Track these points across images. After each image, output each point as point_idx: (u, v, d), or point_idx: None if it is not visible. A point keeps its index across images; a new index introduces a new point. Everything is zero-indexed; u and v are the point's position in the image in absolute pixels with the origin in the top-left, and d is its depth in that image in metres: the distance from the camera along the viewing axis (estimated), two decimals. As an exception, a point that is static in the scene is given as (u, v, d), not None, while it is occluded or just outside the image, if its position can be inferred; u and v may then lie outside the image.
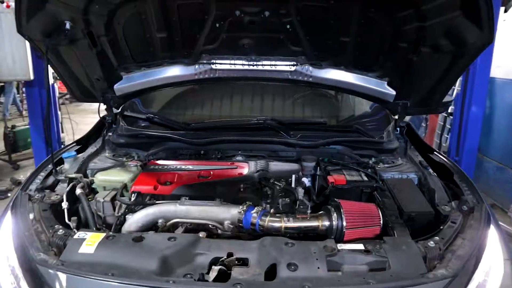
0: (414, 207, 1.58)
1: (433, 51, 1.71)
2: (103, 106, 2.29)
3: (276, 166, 1.81)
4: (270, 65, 1.95)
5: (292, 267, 1.19)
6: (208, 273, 1.21)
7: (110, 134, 2.28)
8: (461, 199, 1.63)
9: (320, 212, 1.53)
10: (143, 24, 1.76)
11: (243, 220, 1.49)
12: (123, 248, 1.29)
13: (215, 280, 1.18)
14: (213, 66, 1.98)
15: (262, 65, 1.95)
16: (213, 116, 2.53)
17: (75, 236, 1.34)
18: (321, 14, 1.66)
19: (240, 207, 1.52)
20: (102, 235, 1.35)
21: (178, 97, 2.78)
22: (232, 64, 1.96)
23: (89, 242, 1.30)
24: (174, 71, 2.04)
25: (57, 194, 1.69)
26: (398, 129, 2.32)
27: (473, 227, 1.45)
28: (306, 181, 1.91)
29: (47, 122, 3.16)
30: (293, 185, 1.77)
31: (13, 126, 5.23)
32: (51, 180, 1.84)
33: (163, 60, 2.00)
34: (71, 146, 2.22)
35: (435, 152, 2.15)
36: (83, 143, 2.27)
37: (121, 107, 2.48)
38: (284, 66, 1.96)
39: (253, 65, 1.96)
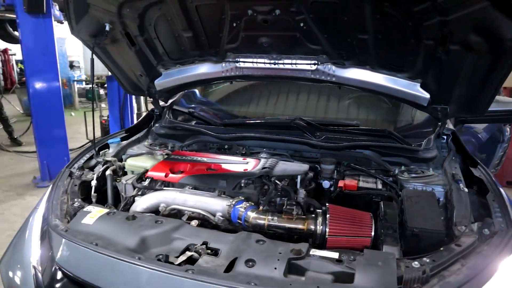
0: (422, 223, 1.42)
1: (465, 49, 1.51)
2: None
3: (283, 165, 1.80)
4: (291, 63, 1.93)
5: (250, 263, 1.19)
6: (178, 257, 1.29)
7: (157, 125, 2.52)
8: (485, 221, 1.41)
9: (309, 215, 1.49)
10: (170, 25, 1.91)
11: (231, 214, 1.54)
12: (116, 224, 1.45)
13: (181, 264, 1.25)
14: (237, 64, 2.04)
15: (283, 63, 1.95)
16: (255, 113, 2.64)
17: (85, 209, 1.56)
18: (333, 10, 1.59)
19: (231, 200, 1.57)
20: (105, 210, 1.54)
21: (233, 93, 2.94)
22: (254, 62, 2.00)
23: (92, 215, 1.50)
24: (204, 69, 2.17)
25: (93, 173, 1.96)
26: (445, 137, 2.09)
27: (483, 254, 1.25)
28: (327, 183, 1.88)
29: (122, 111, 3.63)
30: (298, 185, 1.74)
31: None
32: (94, 161, 2.14)
33: (194, 58, 2.14)
34: (119, 133, 2.52)
35: (478, 166, 1.87)
36: (131, 132, 2.55)
37: (171, 101, 2.72)
38: (305, 65, 1.92)
39: (274, 64, 1.96)
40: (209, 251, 1.32)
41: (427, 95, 1.82)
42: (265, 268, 1.17)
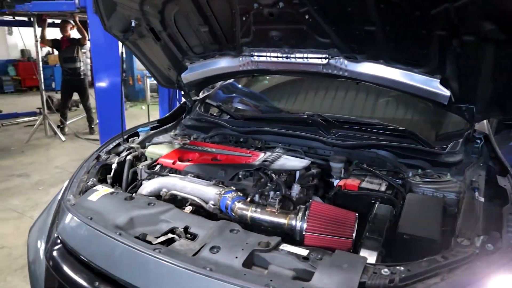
0: (414, 229, 1.32)
1: (481, 40, 1.34)
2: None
3: (284, 160, 1.78)
4: (302, 57, 1.89)
5: (215, 250, 1.22)
6: (159, 237, 1.36)
7: (187, 117, 2.66)
8: (491, 235, 1.25)
9: (293, 211, 1.46)
10: (188, 20, 2.00)
11: (220, 203, 1.57)
12: (114, 202, 1.57)
13: (158, 244, 1.32)
14: (253, 59, 2.06)
15: (295, 57, 1.91)
16: (285, 108, 2.68)
17: (94, 188, 1.72)
18: (335, 1, 1.53)
19: (221, 189, 1.60)
20: (110, 190, 1.68)
21: (269, 88, 2.99)
22: (268, 56, 2.00)
23: (98, 193, 1.64)
24: (224, 63, 2.22)
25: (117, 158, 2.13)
26: (478, 141, 1.88)
27: (472, 270, 1.11)
28: (336, 182, 1.83)
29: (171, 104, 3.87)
30: (296, 180, 1.71)
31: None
32: (122, 147, 2.32)
33: (214, 52, 2.21)
34: (151, 123, 2.70)
35: (508, 175, 1.64)
36: (163, 122, 2.71)
37: (205, 94, 2.84)
38: (316, 59, 1.86)
39: (287, 58, 1.94)
40: (189, 235, 1.38)
41: (447, 93, 1.65)
42: (227, 256, 1.19)
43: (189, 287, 1.12)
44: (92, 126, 6.98)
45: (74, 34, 6.59)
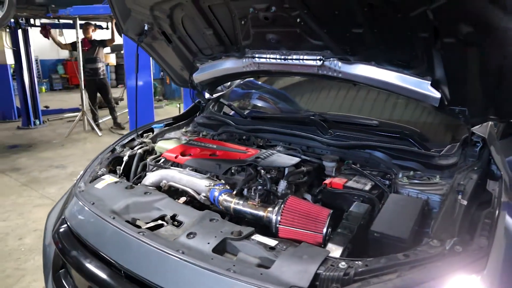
0: (385, 228, 1.35)
1: (460, 42, 1.35)
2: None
3: (275, 157, 1.86)
4: (299, 59, 1.96)
5: (191, 236, 1.33)
6: (148, 223, 1.50)
7: (201, 115, 2.80)
8: (462, 238, 1.26)
9: (272, 204, 1.54)
10: (194, 24, 2.13)
11: (209, 195, 1.68)
12: (116, 190, 1.73)
13: (146, 228, 1.46)
14: (254, 60, 2.15)
15: (292, 59, 1.98)
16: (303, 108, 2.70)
17: (102, 177, 1.89)
18: (323, 5, 1.59)
19: (210, 182, 1.71)
20: (115, 179, 1.85)
21: (286, 87, 3.06)
22: (267, 58, 2.08)
23: (104, 182, 1.82)
24: (229, 64, 2.33)
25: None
26: (478, 144, 1.85)
27: (429, 269, 1.13)
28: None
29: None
30: (284, 177, 1.78)
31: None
32: (136, 142, 2.50)
33: (220, 54, 2.33)
34: (166, 120, 2.87)
35: (500, 180, 1.61)
36: (177, 119, 2.87)
37: (220, 93, 2.97)
38: (311, 60, 1.92)
39: (285, 60, 2.01)
40: (176, 222, 1.50)
41: (437, 95, 1.65)
42: (200, 241, 1.30)
43: (162, 266, 1.24)
44: (118, 122, 7.37)
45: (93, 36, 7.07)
